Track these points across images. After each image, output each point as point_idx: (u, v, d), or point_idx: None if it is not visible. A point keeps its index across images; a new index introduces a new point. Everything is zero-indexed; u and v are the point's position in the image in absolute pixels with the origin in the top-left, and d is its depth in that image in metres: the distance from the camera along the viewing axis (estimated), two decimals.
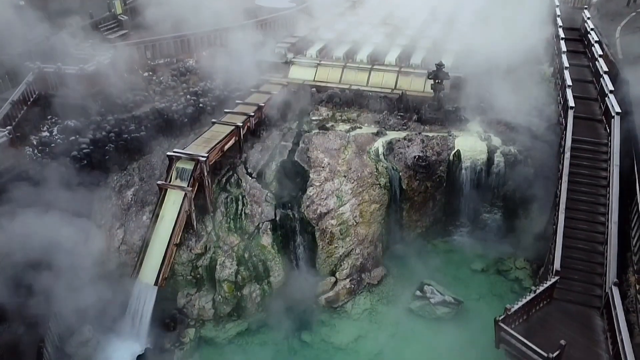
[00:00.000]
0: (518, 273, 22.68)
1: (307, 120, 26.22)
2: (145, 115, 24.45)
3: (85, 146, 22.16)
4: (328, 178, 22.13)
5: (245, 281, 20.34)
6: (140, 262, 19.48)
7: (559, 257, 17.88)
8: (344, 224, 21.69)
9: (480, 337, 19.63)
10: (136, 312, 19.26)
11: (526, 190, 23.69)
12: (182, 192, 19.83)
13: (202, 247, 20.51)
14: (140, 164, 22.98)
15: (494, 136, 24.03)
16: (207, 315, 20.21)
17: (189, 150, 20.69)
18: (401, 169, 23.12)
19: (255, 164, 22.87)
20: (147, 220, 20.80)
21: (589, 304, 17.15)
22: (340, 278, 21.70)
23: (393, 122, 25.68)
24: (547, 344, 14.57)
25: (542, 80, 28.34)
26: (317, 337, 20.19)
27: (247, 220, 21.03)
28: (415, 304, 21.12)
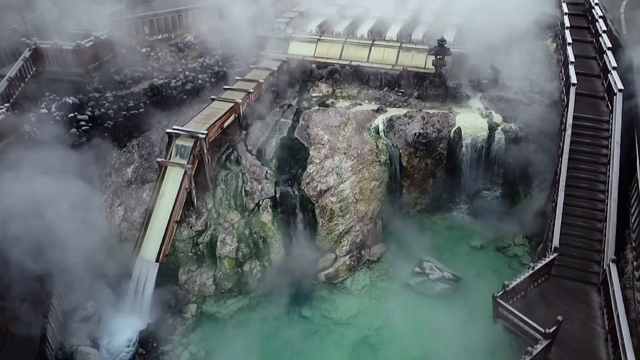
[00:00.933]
0: (517, 250, 22.82)
1: (306, 97, 26.07)
2: (144, 91, 24.29)
3: (84, 123, 22.06)
4: (328, 155, 22.11)
5: (245, 258, 20.51)
6: (142, 239, 19.59)
7: (557, 234, 18.00)
8: (344, 201, 21.76)
9: (478, 312, 19.86)
10: (138, 288, 19.46)
11: (526, 168, 23.70)
12: (182, 169, 19.84)
13: (202, 224, 20.60)
14: (140, 141, 22.92)
15: (495, 113, 23.90)
16: (208, 291, 20.43)
17: (188, 128, 20.62)
18: (401, 146, 23.08)
19: (255, 141, 22.82)
20: (147, 197, 20.85)
21: (586, 280, 17.33)
22: (340, 254, 21.88)
23: (394, 98, 25.54)
24: (545, 320, 14.78)
25: (545, 56, 28.07)
26: (317, 313, 20.44)
27: (247, 198, 21.08)
28: (415, 280, 21.33)
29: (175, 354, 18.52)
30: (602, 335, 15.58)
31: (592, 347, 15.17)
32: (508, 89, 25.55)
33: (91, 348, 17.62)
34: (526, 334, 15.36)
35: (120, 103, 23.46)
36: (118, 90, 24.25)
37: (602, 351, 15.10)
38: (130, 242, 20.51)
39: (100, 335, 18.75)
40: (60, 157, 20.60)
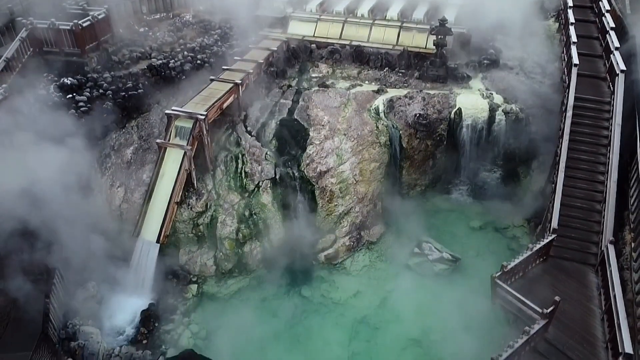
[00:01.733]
0: (516, 231, 22.96)
1: (306, 77, 25.92)
2: (143, 72, 24.15)
3: (82, 104, 21.98)
4: (328, 136, 22.09)
5: (245, 238, 20.65)
6: (142, 220, 19.70)
7: (556, 216, 18.14)
8: (344, 182, 21.82)
9: (477, 292, 20.06)
10: (139, 268, 19.64)
11: (526, 149, 23.73)
12: (181, 150, 19.85)
13: (202, 205, 20.69)
14: (139, 122, 22.87)
15: (496, 94, 23.80)
16: (209, 271, 20.61)
17: (188, 109, 20.56)
18: (401, 127, 23.03)
19: (255, 122, 22.77)
20: (147, 178, 20.89)
21: (584, 261, 17.50)
22: (340, 235, 22.02)
23: (394, 79, 25.42)
24: (542, 300, 14.96)
25: (547, 36, 27.85)
26: (316, 293, 20.65)
27: (247, 179, 21.13)
28: (414, 261, 21.51)
29: (177, 332, 18.75)
30: (598, 315, 15.81)
31: (588, 327, 15.40)
32: (509, 69, 25.40)
33: (93, 327, 17.80)
34: (524, 314, 15.57)
35: (119, 84, 23.33)
36: (116, 71, 24.08)
37: (598, 330, 15.35)
38: (130, 223, 20.62)
39: (102, 314, 18.93)
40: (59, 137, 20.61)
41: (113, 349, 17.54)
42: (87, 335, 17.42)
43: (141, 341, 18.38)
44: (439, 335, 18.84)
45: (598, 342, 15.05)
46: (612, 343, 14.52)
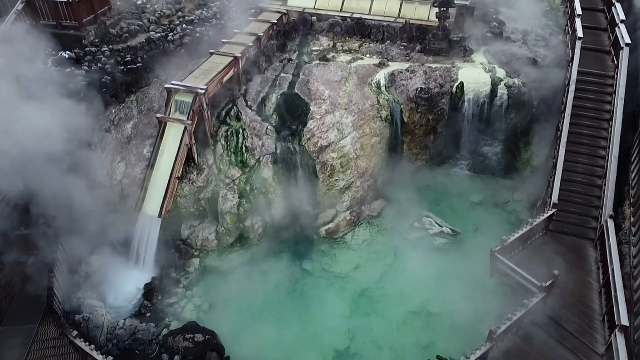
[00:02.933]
0: (515, 205, 23.09)
1: (307, 50, 25.67)
2: (141, 45, 23.93)
3: (81, 78, 21.81)
4: (329, 111, 21.99)
5: (247, 213, 20.77)
6: (143, 195, 19.75)
7: (557, 190, 18.30)
8: (345, 157, 21.83)
9: (476, 266, 20.29)
10: (141, 243, 19.77)
11: (528, 124, 23.68)
12: (182, 125, 19.77)
13: (203, 180, 20.73)
14: (138, 96, 22.73)
15: (498, 67, 23.61)
16: (211, 245, 20.79)
17: (187, 83, 20.40)
18: (403, 101, 22.92)
19: (255, 96, 22.63)
20: (147, 153, 20.87)
21: (583, 235, 17.73)
22: (341, 210, 22.14)
23: (395, 52, 25.17)
24: (541, 274, 15.18)
25: (551, 8, 27.50)
26: (317, 266, 20.89)
27: (248, 154, 21.13)
28: (414, 235, 21.69)
29: (179, 305, 19.03)
30: (596, 289, 16.10)
31: (585, 300, 15.73)
32: (512, 42, 25.14)
33: (97, 301, 18.07)
34: (522, 287, 15.82)
35: (117, 57, 23.13)
36: (114, 44, 23.86)
37: (595, 303, 15.66)
38: (131, 198, 20.70)
39: (105, 288, 19.17)
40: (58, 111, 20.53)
41: (117, 321, 17.85)
42: (91, 308, 17.71)
43: (144, 314, 18.62)
44: (438, 308, 19.15)
45: (595, 314, 15.38)
46: (608, 315, 14.83)
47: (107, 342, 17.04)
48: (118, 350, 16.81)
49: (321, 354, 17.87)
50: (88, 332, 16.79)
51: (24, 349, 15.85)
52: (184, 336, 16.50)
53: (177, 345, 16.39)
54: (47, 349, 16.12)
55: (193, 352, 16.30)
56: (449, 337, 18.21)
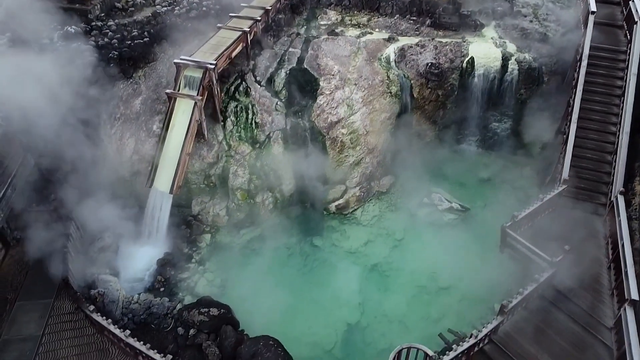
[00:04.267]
0: (524, 181, 23.20)
1: (315, 25, 25.43)
2: (147, 20, 23.73)
3: (88, 54, 21.63)
4: (338, 86, 21.93)
5: (257, 189, 20.91)
6: (154, 171, 19.83)
7: (567, 166, 18.35)
8: (354, 133, 21.86)
9: (485, 241, 20.62)
10: (153, 218, 19.96)
11: (538, 99, 23.61)
12: (191, 101, 19.72)
13: (214, 156, 20.80)
14: (146, 71, 22.63)
15: (509, 42, 23.45)
16: (222, 221, 20.99)
17: (196, 58, 20.27)
18: (413, 76, 22.85)
19: (264, 71, 22.53)
20: (157, 129, 20.90)
21: (593, 211, 17.82)
22: (350, 186, 22.28)
23: (405, 27, 24.98)
24: (551, 249, 15.36)
25: None
26: (327, 242, 21.15)
27: (258, 130, 21.15)
28: (423, 211, 21.90)
29: (192, 280, 19.32)
30: (605, 264, 16.30)
31: (595, 275, 15.96)
32: (523, 17, 24.89)
33: (111, 276, 18.29)
34: (533, 263, 16.01)
35: (124, 32, 22.94)
36: (120, 19, 23.61)
37: (604, 278, 15.88)
38: (142, 174, 20.83)
39: (119, 264, 19.39)
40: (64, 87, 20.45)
41: (132, 296, 18.12)
42: (105, 283, 17.92)
43: (158, 289, 18.91)
44: (447, 283, 19.50)
45: (604, 289, 15.60)
46: (617, 290, 15.05)
47: (122, 316, 17.30)
48: (134, 324, 17.09)
49: (333, 327, 18.24)
50: (104, 306, 17.04)
51: (42, 322, 16.21)
52: (199, 310, 16.77)
53: (193, 319, 16.68)
54: (64, 323, 16.44)
55: (208, 326, 16.60)
56: (458, 310, 18.57)
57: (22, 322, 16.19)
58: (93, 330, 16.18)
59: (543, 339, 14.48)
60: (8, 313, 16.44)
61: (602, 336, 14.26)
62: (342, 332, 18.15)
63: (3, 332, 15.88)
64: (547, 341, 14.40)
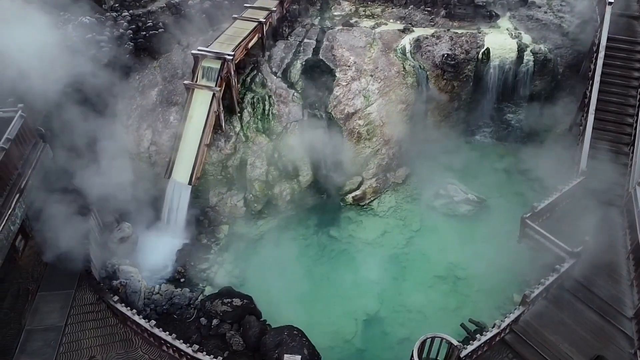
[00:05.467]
0: (539, 172, 23.19)
1: (329, 15, 25.36)
2: (162, 10, 23.63)
3: (104, 44, 21.58)
4: (355, 77, 21.95)
5: (275, 180, 21.00)
6: (173, 162, 19.89)
7: (585, 158, 18.46)
8: (371, 124, 21.92)
9: (501, 232, 20.77)
10: (172, 209, 20.07)
11: (552, 90, 23.64)
12: (210, 92, 19.74)
13: (231, 148, 20.85)
14: (161, 62, 22.63)
15: (524, 33, 23.42)
16: (239, 212, 21.09)
17: (214, 49, 20.26)
18: (428, 68, 22.87)
19: (280, 62, 22.53)
20: (174, 120, 20.93)
21: (611, 203, 17.92)
22: (367, 177, 22.38)
23: (419, 17, 24.94)
24: (569, 240, 15.51)
25: None
26: (344, 233, 21.29)
27: (275, 121, 21.19)
28: (439, 202, 22.01)
29: (212, 271, 19.48)
30: (623, 255, 16.44)
31: (613, 265, 16.15)
32: (537, 8, 24.85)
33: (132, 267, 18.38)
34: (552, 253, 16.16)
35: (138, 23, 22.86)
36: (134, 9, 23.51)
37: (623, 269, 16.06)
38: (159, 165, 20.91)
39: (138, 254, 19.49)
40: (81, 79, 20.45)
41: (153, 287, 18.27)
42: (127, 274, 18.02)
43: (178, 280, 19.08)
44: (465, 273, 19.69)
45: (623, 279, 15.79)
46: (637, 280, 15.22)
47: (144, 307, 17.46)
48: (156, 314, 17.26)
49: (352, 317, 18.42)
50: (126, 297, 17.15)
51: (64, 313, 16.32)
52: (222, 300, 16.93)
53: (215, 310, 16.83)
54: (86, 314, 16.54)
55: (231, 316, 16.77)
56: (476, 300, 18.78)
57: (45, 312, 16.31)
58: (115, 320, 16.29)
59: (563, 328, 14.69)
60: (30, 304, 16.55)
61: (623, 326, 14.47)
62: (362, 322, 18.35)
63: (26, 322, 15.99)
64: (567, 330, 14.62)
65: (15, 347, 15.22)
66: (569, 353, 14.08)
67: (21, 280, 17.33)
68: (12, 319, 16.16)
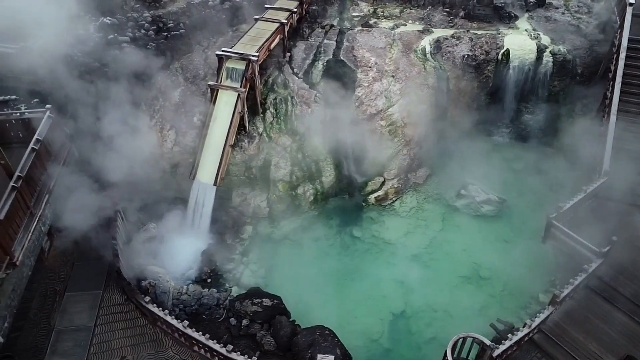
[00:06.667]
0: (558, 172, 23.39)
1: (347, 16, 25.46)
2: (182, 11, 23.72)
3: (126, 45, 21.67)
4: (376, 78, 22.08)
5: (299, 181, 21.12)
6: (198, 163, 19.98)
7: (608, 158, 18.60)
8: (393, 125, 22.06)
9: (522, 232, 21.06)
10: (197, 210, 20.17)
11: (571, 91, 23.81)
12: (235, 93, 19.86)
13: (255, 148, 20.95)
14: (183, 63, 22.70)
15: (543, 34, 23.57)
16: (262, 213, 21.19)
17: (238, 50, 20.35)
18: (449, 68, 23.00)
19: (301, 63, 22.64)
20: (197, 121, 21.03)
21: (634, 202, 18.09)
22: (388, 178, 22.51)
23: (438, 18, 25.07)
24: (594, 239, 15.69)
25: None
26: (367, 233, 21.41)
27: (298, 121, 21.29)
28: (460, 202, 22.16)
29: (238, 271, 19.58)
30: None
31: (638, 264, 16.25)
32: (555, 8, 25.01)
33: (159, 267, 18.48)
34: (578, 253, 16.32)
35: (159, 23, 22.94)
36: (154, 10, 23.58)
37: None
38: (183, 166, 21.00)
39: (164, 255, 19.56)
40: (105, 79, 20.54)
41: (182, 287, 18.35)
42: (155, 274, 18.12)
43: (205, 280, 19.17)
44: (489, 273, 19.82)
45: None
46: None
47: (174, 307, 17.54)
48: (185, 315, 17.35)
49: (378, 317, 18.56)
50: (156, 297, 17.25)
51: (93, 313, 16.44)
52: (252, 301, 17.06)
53: (245, 310, 16.96)
54: (115, 314, 16.66)
55: (262, 316, 16.90)
56: (501, 300, 18.94)
57: (74, 312, 16.42)
58: (144, 321, 16.39)
59: (590, 327, 14.88)
60: (58, 304, 16.65)
61: None
62: (388, 322, 18.46)
63: (56, 323, 16.09)
64: (595, 330, 14.81)
65: (47, 347, 15.34)
66: (597, 352, 14.26)
67: (48, 280, 17.45)
68: (41, 320, 16.29)
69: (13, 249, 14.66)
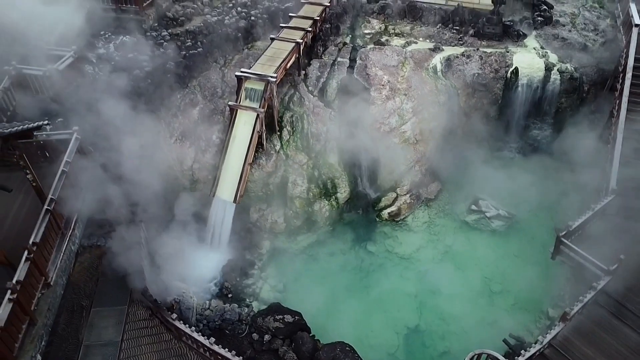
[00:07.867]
0: (566, 187, 23.99)
1: (359, 33, 26.08)
2: (199, 29, 24.32)
3: (146, 64, 22.28)
4: (389, 96, 22.73)
5: (315, 197, 21.76)
6: (217, 181, 20.61)
7: (615, 176, 19.20)
8: (405, 142, 22.74)
9: (532, 246, 21.69)
10: (216, 227, 20.79)
11: (578, 108, 24.46)
12: (253, 113, 20.47)
13: (272, 166, 21.58)
14: (200, 81, 23.30)
15: (551, 53, 24.23)
16: (279, 228, 21.82)
17: (256, 70, 20.98)
18: (460, 86, 23.62)
19: (316, 81, 23.28)
20: (216, 139, 21.65)
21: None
22: (401, 193, 23.18)
23: (448, 36, 25.68)
24: (602, 256, 16.29)
25: None
26: (381, 248, 22.10)
27: (314, 139, 21.92)
28: (471, 218, 22.84)
29: (257, 286, 20.25)
30: None
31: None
32: (562, 26, 25.66)
33: (182, 283, 19.09)
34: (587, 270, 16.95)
35: (177, 42, 23.54)
36: (172, 28, 24.20)
37: None
38: (202, 183, 21.63)
39: (185, 270, 20.15)
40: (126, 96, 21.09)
41: (204, 302, 18.96)
42: (178, 290, 18.74)
43: (226, 295, 19.79)
44: (500, 287, 20.54)
45: None
46: None
47: (197, 322, 18.15)
48: (209, 330, 17.98)
49: (393, 331, 19.27)
50: (180, 313, 17.83)
51: (119, 328, 16.98)
52: (274, 317, 17.68)
53: (267, 326, 17.59)
54: (140, 330, 17.22)
55: (284, 332, 17.54)
56: (512, 314, 19.63)
57: (101, 327, 16.93)
58: (169, 336, 17.00)
59: (599, 342, 15.52)
60: (86, 319, 17.21)
61: None
62: (403, 336, 19.18)
63: (84, 338, 16.67)
64: (604, 345, 15.45)
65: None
66: None
67: (75, 296, 18.00)
68: (69, 335, 16.82)
69: (48, 269, 15.34)
